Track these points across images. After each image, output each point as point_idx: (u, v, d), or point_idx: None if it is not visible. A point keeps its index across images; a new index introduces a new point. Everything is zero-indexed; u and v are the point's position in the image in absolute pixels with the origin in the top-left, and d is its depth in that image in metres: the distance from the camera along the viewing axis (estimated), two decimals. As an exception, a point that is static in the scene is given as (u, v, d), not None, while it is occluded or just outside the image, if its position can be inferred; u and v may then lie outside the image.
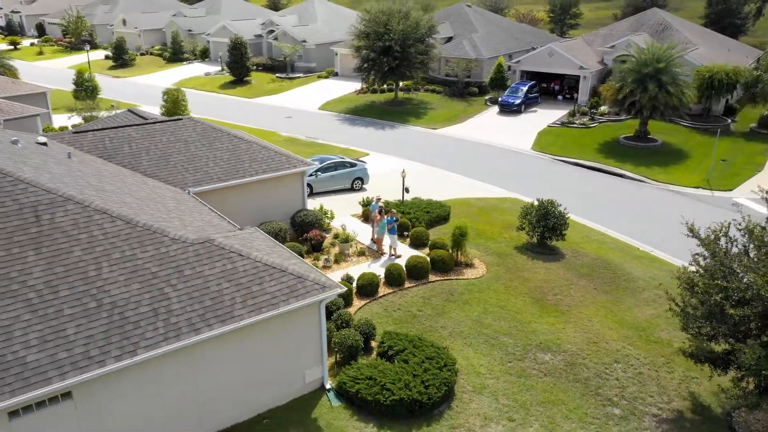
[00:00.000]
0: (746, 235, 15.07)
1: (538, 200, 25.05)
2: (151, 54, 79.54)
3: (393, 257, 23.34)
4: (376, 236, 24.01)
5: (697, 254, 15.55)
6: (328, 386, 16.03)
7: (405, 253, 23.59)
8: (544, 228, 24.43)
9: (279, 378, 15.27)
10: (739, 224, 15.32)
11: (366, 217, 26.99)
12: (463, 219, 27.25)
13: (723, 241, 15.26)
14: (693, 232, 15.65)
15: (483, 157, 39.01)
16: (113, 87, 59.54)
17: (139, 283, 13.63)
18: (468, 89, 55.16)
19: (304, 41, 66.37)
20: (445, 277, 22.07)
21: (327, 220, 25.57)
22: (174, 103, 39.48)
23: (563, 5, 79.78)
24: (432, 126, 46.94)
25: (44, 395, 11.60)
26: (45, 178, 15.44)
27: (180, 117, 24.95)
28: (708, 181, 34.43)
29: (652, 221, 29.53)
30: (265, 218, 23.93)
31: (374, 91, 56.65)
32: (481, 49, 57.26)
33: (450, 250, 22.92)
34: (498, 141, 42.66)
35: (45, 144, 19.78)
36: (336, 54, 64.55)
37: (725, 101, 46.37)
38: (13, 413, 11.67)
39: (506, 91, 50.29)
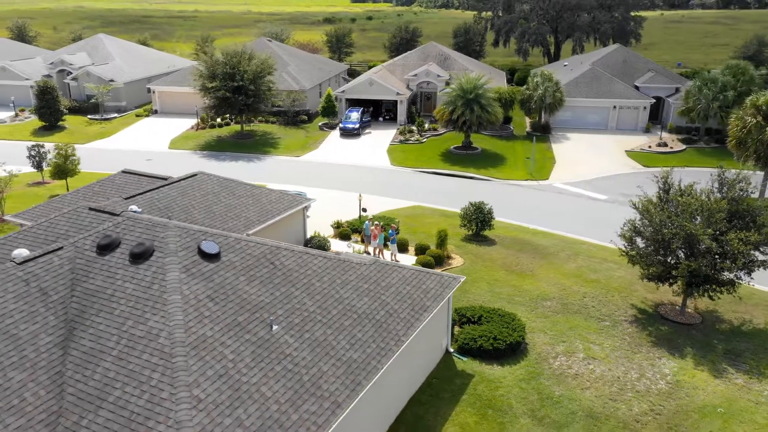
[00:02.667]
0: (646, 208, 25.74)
1: (470, 203, 33.90)
2: None
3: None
4: (373, 248, 30.23)
5: (642, 218, 25.72)
6: (451, 349, 22.59)
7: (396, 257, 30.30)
8: (479, 222, 33.40)
9: (434, 347, 21.42)
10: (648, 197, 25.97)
11: (341, 236, 32.76)
12: (411, 226, 34.81)
13: (651, 207, 25.68)
14: (633, 204, 25.93)
15: (361, 176, 46.44)
16: None
17: (366, 297, 18.72)
18: (298, 117, 61.69)
19: (112, 80, 65.08)
20: (443, 269, 29.52)
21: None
22: (65, 159, 38.77)
23: (338, 35, 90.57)
24: (294, 154, 52.65)
25: (377, 379, 16.44)
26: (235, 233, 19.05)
27: (194, 173, 27.68)
28: (531, 174, 47.29)
29: (519, 207, 40.54)
30: (286, 249, 28.33)
31: (212, 126, 59.58)
32: (301, 81, 64.12)
33: (437, 248, 30.40)
34: (360, 161, 50.45)
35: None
36: (153, 92, 64.92)
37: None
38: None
39: (344, 117, 58.27)
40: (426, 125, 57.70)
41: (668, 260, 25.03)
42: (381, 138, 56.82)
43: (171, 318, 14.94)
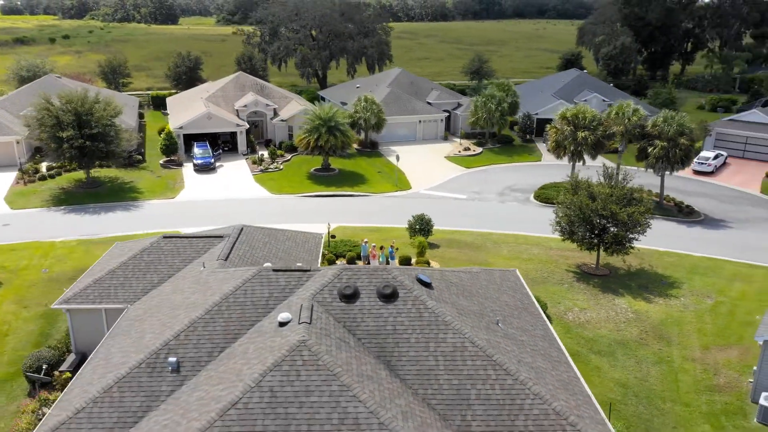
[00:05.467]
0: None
1: (413, 216, 40.88)
2: None
3: (392, 274, 35.38)
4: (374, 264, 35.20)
5: (566, 203, 36.10)
6: (509, 326, 29.87)
7: (390, 270, 35.88)
8: (425, 230, 40.65)
9: (513, 326, 28.49)
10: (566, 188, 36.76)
11: (328, 262, 36.69)
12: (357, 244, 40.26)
13: (581, 199, 36.24)
14: (563, 196, 36.27)
15: (255, 207, 48.73)
16: None
17: (503, 294, 25.01)
18: (133, 158, 59.37)
19: None
20: (431, 272, 36.13)
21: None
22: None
23: (113, 66, 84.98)
24: (166, 196, 51.72)
25: (551, 346, 23.11)
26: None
27: (241, 227, 29.10)
28: (397, 185, 55.55)
29: (413, 213, 48.48)
30: (318, 281, 31.76)
31: (42, 179, 53.96)
32: (126, 119, 61.30)
33: (419, 257, 36.80)
34: (240, 194, 52.22)
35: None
36: (-59, 146, 54.97)
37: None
38: (549, 360, 22.72)
39: (193, 153, 58.38)
40: (276, 153, 61.45)
41: (592, 233, 36.12)
42: (236, 169, 58.72)
43: (462, 333, 19.58)
